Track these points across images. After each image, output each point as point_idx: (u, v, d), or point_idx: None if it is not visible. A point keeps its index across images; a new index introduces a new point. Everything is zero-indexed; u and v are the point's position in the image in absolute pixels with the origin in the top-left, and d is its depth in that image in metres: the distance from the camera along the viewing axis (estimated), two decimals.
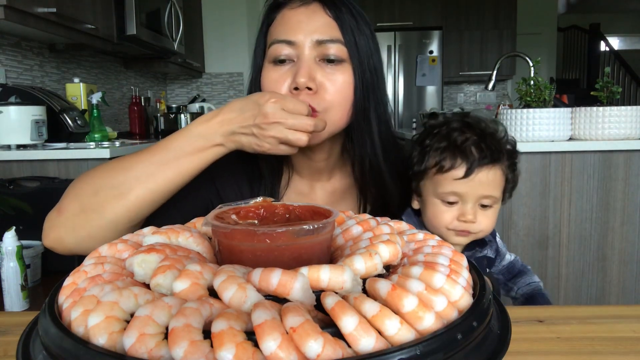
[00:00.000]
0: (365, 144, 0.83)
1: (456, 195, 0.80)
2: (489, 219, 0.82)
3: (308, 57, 0.77)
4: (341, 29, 0.78)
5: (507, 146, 0.83)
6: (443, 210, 0.82)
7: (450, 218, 0.81)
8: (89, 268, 0.46)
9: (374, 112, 0.82)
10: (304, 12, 0.79)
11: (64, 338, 0.36)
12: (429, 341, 0.35)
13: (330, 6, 0.78)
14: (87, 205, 0.72)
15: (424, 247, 0.51)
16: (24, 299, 1.34)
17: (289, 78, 0.78)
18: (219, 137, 0.71)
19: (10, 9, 1.81)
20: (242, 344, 0.32)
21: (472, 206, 0.80)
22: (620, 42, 7.92)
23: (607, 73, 2.03)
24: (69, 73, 2.81)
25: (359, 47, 0.79)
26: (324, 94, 0.77)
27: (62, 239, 0.74)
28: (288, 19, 0.79)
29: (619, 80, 6.08)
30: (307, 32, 0.77)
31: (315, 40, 0.77)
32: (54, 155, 1.88)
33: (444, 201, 0.81)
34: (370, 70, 0.81)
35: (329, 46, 0.77)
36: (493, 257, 0.90)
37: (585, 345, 0.58)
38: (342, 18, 0.78)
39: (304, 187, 0.90)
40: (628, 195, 1.92)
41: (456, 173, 0.79)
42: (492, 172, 0.80)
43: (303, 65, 0.76)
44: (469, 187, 0.79)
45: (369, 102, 0.81)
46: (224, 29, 4.24)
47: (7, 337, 0.63)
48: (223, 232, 0.46)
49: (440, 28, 4.79)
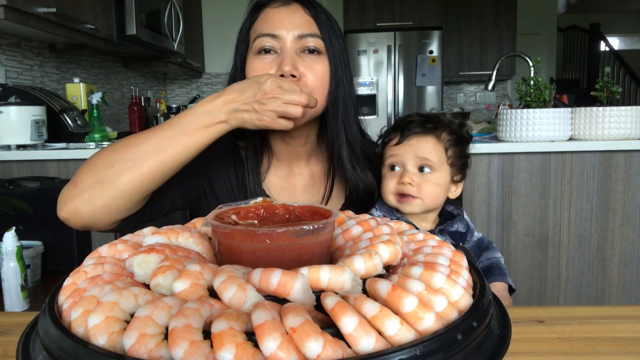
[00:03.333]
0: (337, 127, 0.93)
1: (395, 158, 0.92)
2: (430, 183, 0.90)
3: (290, 49, 0.87)
4: (318, 25, 0.89)
5: (446, 122, 0.94)
6: (388, 177, 0.93)
7: (393, 183, 0.92)
8: (89, 268, 0.46)
9: (342, 100, 0.93)
10: (285, 11, 0.89)
11: (64, 338, 0.36)
12: (429, 341, 0.35)
13: (308, 6, 0.90)
14: (103, 176, 0.77)
15: (424, 247, 0.51)
16: (24, 299, 1.34)
17: (273, 67, 0.87)
18: (223, 115, 0.78)
19: (10, 9, 1.81)
20: (242, 344, 0.32)
21: (411, 170, 0.91)
22: (620, 42, 7.92)
23: (607, 73, 2.03)
24: (69, 73, 2.81)
25: (333, 42, 0.90)
26: (306, 81, 0.87)
27: (79, 209, 0.78)
28: (272, 16, 0.89)
29: (619, 80, 6.07)
30: (289, 27, 0.87)
31: (297, 34, 0.87)
32: (54, 155, 1.88)
33: (389, 168, 0.94)
34: (341, 64, 0.91)
35: (309, 39, 0.88)
36: (464, 231, 0.97)
37: (585, 345, 0.58)
38: (318, 17, 0.89)
39: (283, 171, 1.00)
40: (628, 195, 1.92)
41: (393, 141, 0.94)
42: (424, 138, 0.91)
43: (287, 56, 0.86)
44: (403, 151, 0.92)
45: (339, 90, 0.92)
46: (224, 29, 4.23)
47: (7, 337, 0.63)
48: (223, 232, 0.46)
49: (440, 28, 4.78)
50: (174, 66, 3.69)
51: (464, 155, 0.95)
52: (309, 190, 1.00)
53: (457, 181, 0.96)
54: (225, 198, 0.95)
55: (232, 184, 0.96)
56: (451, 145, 0.92)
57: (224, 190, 0.96)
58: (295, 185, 1.00)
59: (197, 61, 4.13)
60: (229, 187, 0.96)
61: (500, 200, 1.95)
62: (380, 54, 4.77)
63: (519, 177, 1.93)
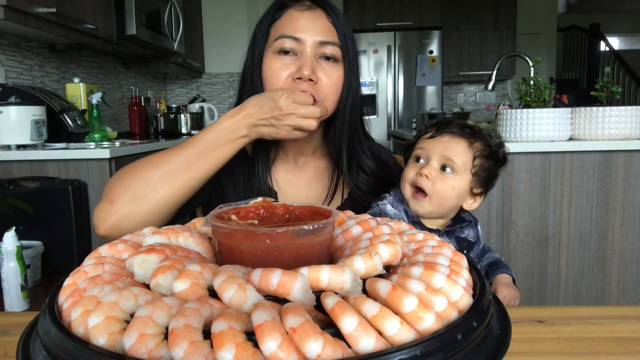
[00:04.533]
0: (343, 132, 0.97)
1: (422, 150, 0.93)
2: (446, 183, 0.90)
3: (311, 53, 0.90)
4: (338, 33, 0.92)
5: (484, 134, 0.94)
6: (411, 167, 0.94)
7: (412, 173, 0.92)
8: (89, 268, 0.46)
9: (351, 106, 0.96)
10: (310, 16, 0.92)
11: (64, 338, 0.36)
12: (429, 341, 0.35)
13: (331, 14, 0.93)
14: (141, 193, 0.83)
15: (424, 247, 0.51)
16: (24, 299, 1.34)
17: (291, 68, 0.90)
18: (244, 130, 0.85)
19: (10, 9, 1.81)
20: (242, 344, 0.32)
21: (433, 166, 0.91)
22: (620, 42, 7.92)
23: (607, 73, 2.03)
24: (69, 73, 2.81)
25: (350, 50, 0.94)
26: (321, 86, 0.91)
27: (118, 226, 0.83)
28: (296, 18, 0.92)
29: (619, 80, 6.07)
30: (311, 32, 0.90)
31: (318, 40, 0.90)
32: (54, 155, 1.88)
33: (414, 158, 0.94)
34: (354, 71, 0.95)
35: (328, 47, 0.91)
36: (473, 241, 0.96)
37: (585, 345, 0.58)
38: (339, 25, 0.93)
39: (289, 164, 1.03)
40: (628, 195, 1.92)
41: (428, 134, 0.95)
42: (456, 139, 0.92)
43: (307, 60, 0.89)
44: (432, 145, 0.92)
45: (350, 97, 0.95)
46: (224, 29, 4.23)
47: (7, 337, 0.63)
48: (223, 232, 0.46)
49: (440, 28, 4.78)
50: (174, 66, 3.69)
51: (491, 171, 0.94)
52: (313, 185, 1.02)
53: (477, 194, 0.94)
54: (231, 193, 0.98)
55: (238, 179, 0.98)
56: (481, 156, 0.92)
57: (229, 185, 0.98)
58: (300, 179, 1.02)
59: (197, 61, 4.13)
60: (235, 183, 0.98)
61: (500, 200, 1.94)
62: (380, 54, 4.77)
63: (519, 177, 1.93)
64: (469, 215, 0.97)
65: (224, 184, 0.98)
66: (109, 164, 1.90)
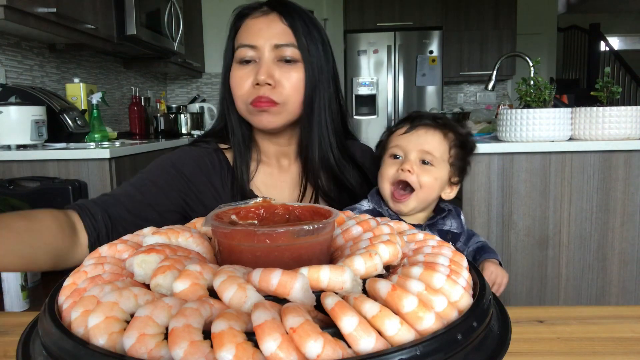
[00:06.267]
0: (312, 130, 0.96)
1: (399, 147, 0.93)
2: (429, 175, 0.90)
3: (267, 58, 0.91)
4: (295, 35, 0.92)
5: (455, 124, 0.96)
6: (389, 164, 0.93)
7: (392, 171, 0.92)
8: (89, 268, 0.46)
9: (318, 105, 0.95)
10: (264, 21, 0.92)
11: (64, 338, 0.36)
12: (429, 341, 0.35)
13: (286, 16, 0.92)
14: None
15: (424, 247, 0.51)
16: (24, 299, 1.34)
17: (252, 76, 0.91)
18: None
19: (10, 9, 1.81)
20: (242, 344, 0.32)
21: (413, 160, 0.91)
22: (620, 42, 7.92)
23: (607, 73, 2.03)
24: (69, 73, 2.81)
25: (310, 50, 0.92)
26: (281, 89, 0.91)
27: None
28: (251, 26, 0.93)
29: (619, 80, 6.07)
30: (266, 37, 0.91)
31: (273, 44, 0.91)
32: (54, 155, 1.88)
33: (390, 156, 0.94)
34: (319, 70, 0.94)
35: (284, 49, 0.91)
36: (458, 232, 0.96)
37: (585, 345, 0.58)
38: (295, 26, 0.92)
39: (272, 168, 1.03)
40: (628, 195, 1.92)
41: (401, 130, 0.95)
42: (432, 132, 0.92)
43: (263, 65, 0.90)
44: (409, 141, 0.92)
45: (315, 96, 0.94)
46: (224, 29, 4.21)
47: (7, 337, 0.63)
48: (223, 232, 0.46)
49: (440, 28, 4.78)
50: (174, 66, 3.69)
51: (465, 159, 0.96)
52: (298, 186, 1.02)
53: (454, 183, 0.96)
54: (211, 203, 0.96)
55: (217, 188, 0.97)
56: (455, 146, 0.94)
57: (208, 196, 0.97)
58: (285, 182, 1.02)
59: (197, 61, 4.13)
60: (213, 193, 0.97)
61: (500, 200, 1.94)
62: (380, 54, 4.77)
63: (519, 177, 1.93)
64: (447, 204, 0.98)
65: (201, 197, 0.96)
66: (109, 164, 1.90)
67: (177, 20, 3.31)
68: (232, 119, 0.98)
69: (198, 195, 0.97)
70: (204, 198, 0.97)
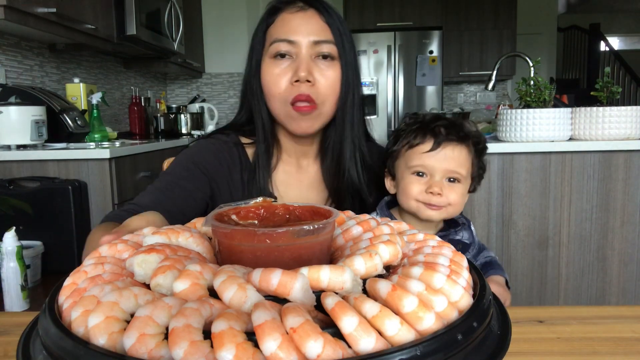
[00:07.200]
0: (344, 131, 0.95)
1: (424, 167, 0.88)
2: (457, 193, 0.88)
3: (306, 54, 0.90)
4: (332, 32, 0.91)
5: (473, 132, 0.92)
6: (412, 181, 0.89)
7: (418, 189, 0.88)
8: (89, 268, 0.46)
9: (350, 104, 0.95)
10: (302, 17, 0.91)
11: (64, 338, 0.36)
12: (429, 341, 0.35)
13: (323, 13, 0.92)
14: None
15: (424, 247, 0.51)
16: (24, 299, 1.34)
17: (289, 73, 0.90)
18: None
19: (10, 9, 1.81)
20: (242, 344, 0.32)
21: (439, 180, 0.87)
22: (620, 42, 7.92)
23: (607, 73, 2.03)
24: (69, 73, 2.81)
25: (346, 48, 0.92)
26: (319, 87, 0.90)
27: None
28: (288, 21, 0.91)
29: (619, 80, 6.07)
30: (305, 33, 0.90)
31: (312, 40, 0.90)
32: (54, 155, 1.88)
33: (413, 173, 0.89)
34: (352, 69, 0.94)
35: (323, 46, 0.90)
36: (468, 242, 0.95)
37: (585, 345, 0.58)
38: (332, 23, 0.92)
39: (291, 167, 1.02)
40: (628, 195, 1.92)
41: (424, 147, 0.88)
42: (458, 149, 0.88)
43: (303, 62, 0.89)
44: (435, 160, 0.87)
45: (348, 95, 0.94)
46: (224, 29, 4.23)
47: (7, 337, 0.63)
48: (223, 232, 0.46)
49: (440, 28, 4.78)
50: (174, 66, 3.69)
51: (483, 167, 0.94)
52: (315, 187, 1.01)
53: (470, 191, 0.95)
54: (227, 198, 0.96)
55: (235, 183, 0.97)
56: (475, 157, 0.91)
57: (225, 190, 0.97)
58: (302, 182, 1.02)
59: (197, 61, 4.12)
60: (231, 188, 0.97)
61: (500, 200, 1.94)
62: (380, 54, 4.77)
63: (519, 177, 1.93)
64: (462, 218, 0.96)
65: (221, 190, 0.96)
66: (109, 164, 1.90)
67: (177, 20, 3.31)
68: (262, 115, 0.96)
69: (217, 190, 0.96)
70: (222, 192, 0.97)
